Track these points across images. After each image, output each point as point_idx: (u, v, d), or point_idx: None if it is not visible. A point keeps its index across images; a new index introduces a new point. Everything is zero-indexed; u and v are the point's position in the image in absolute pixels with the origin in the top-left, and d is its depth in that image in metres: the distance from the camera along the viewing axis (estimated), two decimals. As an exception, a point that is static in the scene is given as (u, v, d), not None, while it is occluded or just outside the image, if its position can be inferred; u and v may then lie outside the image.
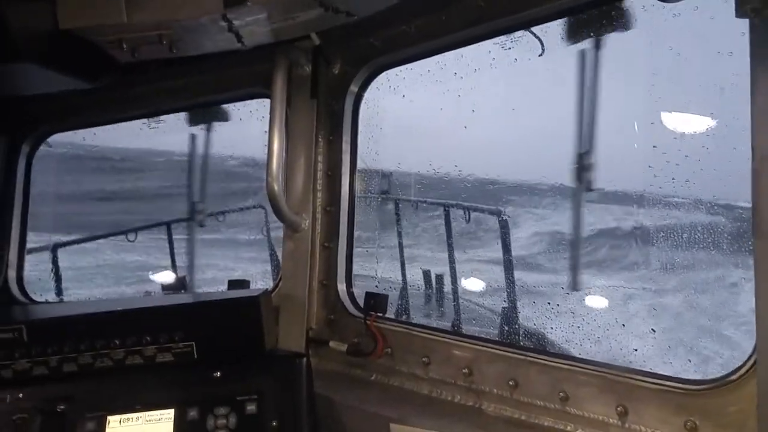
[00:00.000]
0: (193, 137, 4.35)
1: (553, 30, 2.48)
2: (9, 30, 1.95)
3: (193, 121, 3.68)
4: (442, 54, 2.60)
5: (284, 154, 2.47)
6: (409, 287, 6.81)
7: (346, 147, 2.61)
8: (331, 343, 2.49)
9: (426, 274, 7.55)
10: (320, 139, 2.60)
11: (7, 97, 2.78)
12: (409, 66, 2.67)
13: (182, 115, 3.13)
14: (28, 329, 2.25)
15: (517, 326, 5.46)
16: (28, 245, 3.10)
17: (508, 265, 5.68)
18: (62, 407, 2.17)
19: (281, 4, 2.08)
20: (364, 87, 2.63)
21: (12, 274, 3.02)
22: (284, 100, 2.41)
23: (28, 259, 3.09)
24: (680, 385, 1.76)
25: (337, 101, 2.58)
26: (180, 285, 7.61)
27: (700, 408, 1.72)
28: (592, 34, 2.63)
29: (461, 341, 2.21)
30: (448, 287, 6.91)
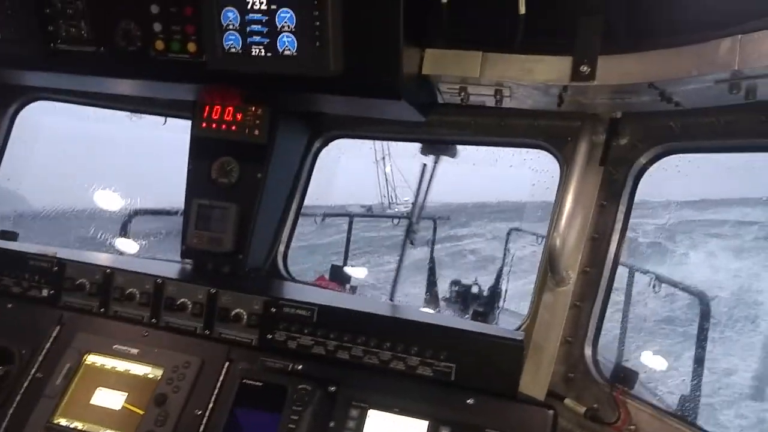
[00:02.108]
0: (424, 166, 4.80)
1: None
2: (398, 74, 2.32)
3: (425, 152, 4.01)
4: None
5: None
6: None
7: (620, 216, 2.69)
8: (567, 401, 2.58)
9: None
10: (595, 204, 2.71)
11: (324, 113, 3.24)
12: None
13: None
14: (319, 311, 2.62)
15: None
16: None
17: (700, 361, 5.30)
18: (333, 389, 2.50)
19: (623, 86, 2.23)
20: (652, 162, 2.70)
21: (281, 251, 3.49)
22: (583, 164, 2.56)
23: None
24: None
25: (620, 171, 2.67)
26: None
27: None
28: None
29: None
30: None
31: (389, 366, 2.53)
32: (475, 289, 9.39)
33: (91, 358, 2.73)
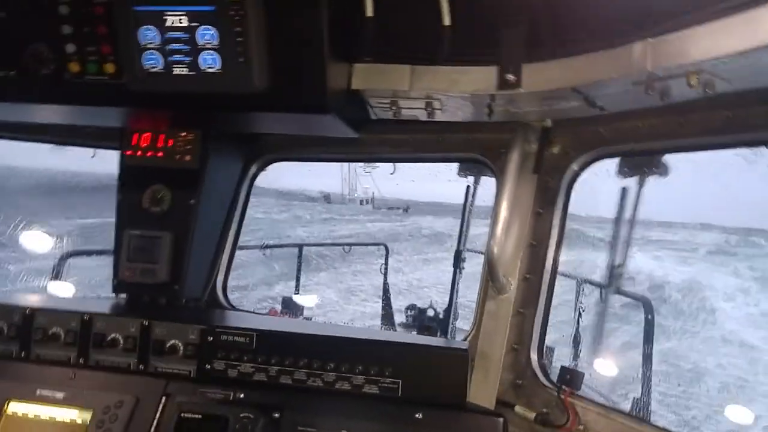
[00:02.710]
0: (468, 188, 4.68)
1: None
2: (324, 87, 2.29)
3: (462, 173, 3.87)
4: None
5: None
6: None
7: (556, 222, 2.73)
8: (517, 408, 2.57)
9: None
10: (532, 211, 2.74)
11: (255, 134, 3.18)
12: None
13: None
14: (258, 337, 2.52)
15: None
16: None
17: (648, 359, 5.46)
18: (277, 415, 2.39)
19: (548, 92, 2.27)
20: (583, 168, 2.76)
21: (220, 279, 3.37)
22: (516, 173, 2.58)
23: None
24: None
25: (554, 178, 2.72)
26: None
27: None
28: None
29: None
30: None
31: (334, 387, 2.44)
32: (430, 312, 9.39)
33: (13, 407, 2.52)
